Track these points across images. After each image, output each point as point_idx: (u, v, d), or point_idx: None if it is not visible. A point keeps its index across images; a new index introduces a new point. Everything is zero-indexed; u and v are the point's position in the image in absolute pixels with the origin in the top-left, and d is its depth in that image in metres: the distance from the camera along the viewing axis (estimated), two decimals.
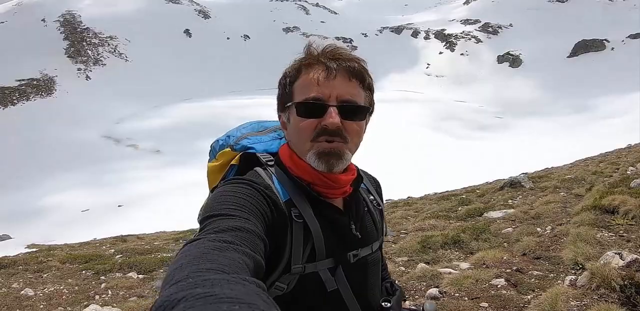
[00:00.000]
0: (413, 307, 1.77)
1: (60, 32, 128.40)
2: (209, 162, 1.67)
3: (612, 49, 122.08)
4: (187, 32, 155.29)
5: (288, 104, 1.39)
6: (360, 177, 1.51)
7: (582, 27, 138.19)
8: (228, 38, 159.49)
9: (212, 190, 1.52)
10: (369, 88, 1.43)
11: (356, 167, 1.52)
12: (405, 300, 1.77)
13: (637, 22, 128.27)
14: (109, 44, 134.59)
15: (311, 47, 1.39)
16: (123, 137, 73.43)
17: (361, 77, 1.37)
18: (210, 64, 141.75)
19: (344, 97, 1.33)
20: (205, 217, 1.13)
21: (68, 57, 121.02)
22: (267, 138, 1.59)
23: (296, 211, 1.30)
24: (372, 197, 1.60)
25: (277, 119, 1.54)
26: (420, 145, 58.58)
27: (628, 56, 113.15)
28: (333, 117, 1.29)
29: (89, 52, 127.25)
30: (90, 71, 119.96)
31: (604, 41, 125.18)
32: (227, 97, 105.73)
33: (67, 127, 75.62)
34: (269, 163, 1.43)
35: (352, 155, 1.39)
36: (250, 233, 1.05)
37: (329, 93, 1.32)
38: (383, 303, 1.53)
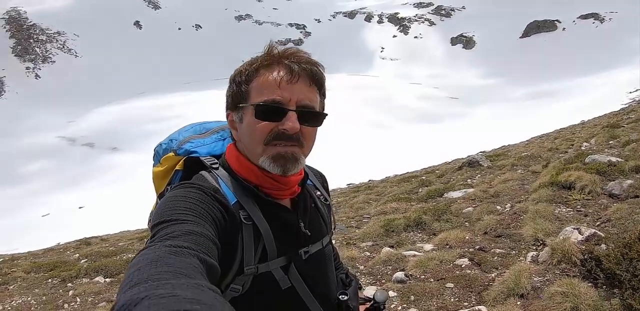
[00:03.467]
0: (369, 296, 1.78)
1: (6, 30, 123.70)
2: (153, 166, 1.63)
3: (564, 29, 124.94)
4: (137, 23, 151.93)
5: (242, 104, 1.33)
6: (306, 174, 1.52)
7: (534, 7, 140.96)
8: (179, 28, 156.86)
9: (159, 196, 1.55)
10: (324, 95, 1.41)
11: None
12: (360, 288, 1.80)
13: (588, 2, 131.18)
14: (57, 40, 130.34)
15: (272, 47, 1.33)
16: (77, 136, 71.87)
17: (320, 83, 1.36)
18: (162, 56, 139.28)
19: (303, 102, 1.30)
20: (157, 222, 1.09)
21: (15, 55, 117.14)
22: (210, 140, 1.56)
23: (245, 213, 1.28)
24: (319, 193, 1.61)
25: (220, 119, 1.53)
26: (377, 129, 59.14)
27: (578, 36, 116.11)
28: (293, 121, 1.26)
29: (37, 49, 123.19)
30: (39, 69, 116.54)
31: (556, 21, 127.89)
32: (180, 89, 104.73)
33: (22, 130, 73.99)
34: (213, 166, 1.40)
35: (305, 158, 1.38)
36: (204, 237, 1.04)
37: (289, 97, 1.28)
38: (340, 296, 1.54)
